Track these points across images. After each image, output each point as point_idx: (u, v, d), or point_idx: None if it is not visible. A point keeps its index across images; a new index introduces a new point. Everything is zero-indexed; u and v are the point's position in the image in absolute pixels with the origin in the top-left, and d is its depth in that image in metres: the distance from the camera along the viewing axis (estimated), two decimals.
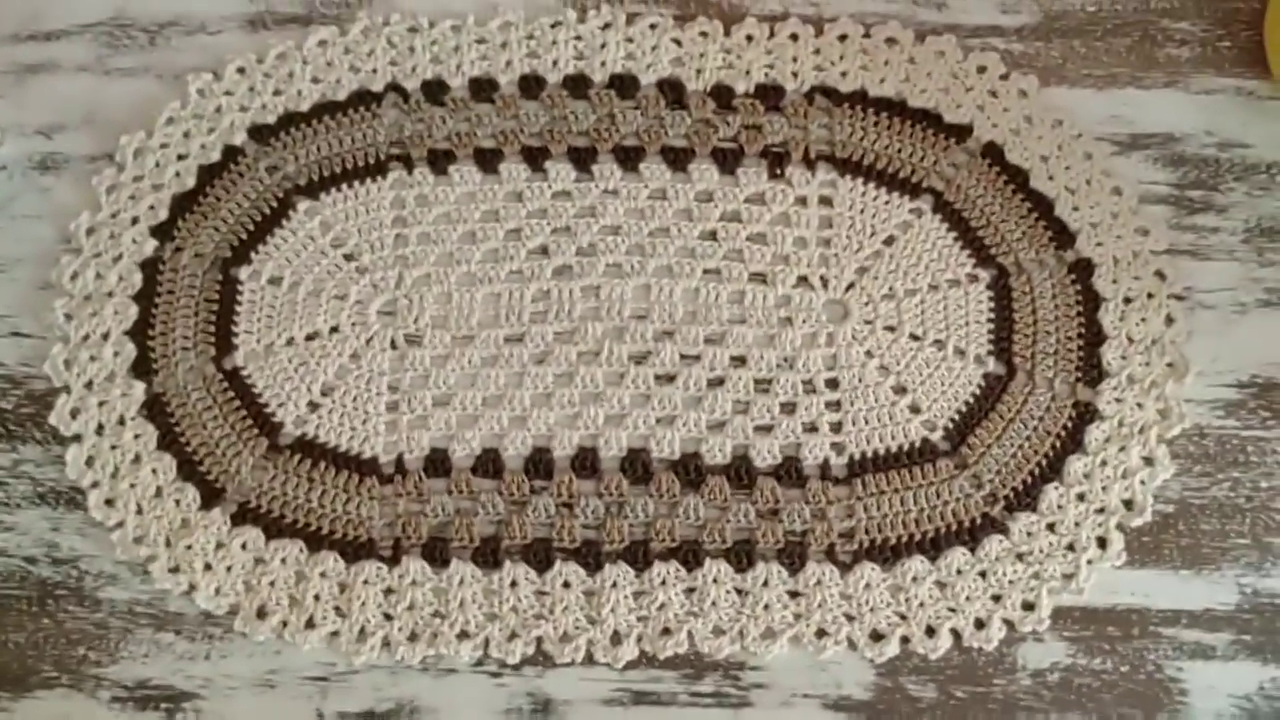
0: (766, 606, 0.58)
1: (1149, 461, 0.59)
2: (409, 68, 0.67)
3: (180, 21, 0.69)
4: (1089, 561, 0.58)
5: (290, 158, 0.66)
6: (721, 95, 0.66)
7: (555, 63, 0.67)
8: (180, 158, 0.66)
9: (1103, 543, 0.58)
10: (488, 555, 0.59)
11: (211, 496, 0.60)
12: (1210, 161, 0.64)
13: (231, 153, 0.66)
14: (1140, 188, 0.64)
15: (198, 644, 0.58)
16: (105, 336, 0.62)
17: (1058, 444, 0.60)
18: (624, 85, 0.66)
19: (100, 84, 0.68)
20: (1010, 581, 0.58)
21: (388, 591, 0.58)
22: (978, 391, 0.61)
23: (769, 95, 0.66)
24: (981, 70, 0.66)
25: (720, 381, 0.62)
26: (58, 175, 0.66)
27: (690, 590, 0.58)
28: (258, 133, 0.66)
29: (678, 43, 0.67)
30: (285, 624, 0.58)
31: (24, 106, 0.67)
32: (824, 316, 0.63)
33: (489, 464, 0.60)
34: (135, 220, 0.64)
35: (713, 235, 0.64)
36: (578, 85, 0.67)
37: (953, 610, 0.57)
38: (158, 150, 0.66)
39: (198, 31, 0.68)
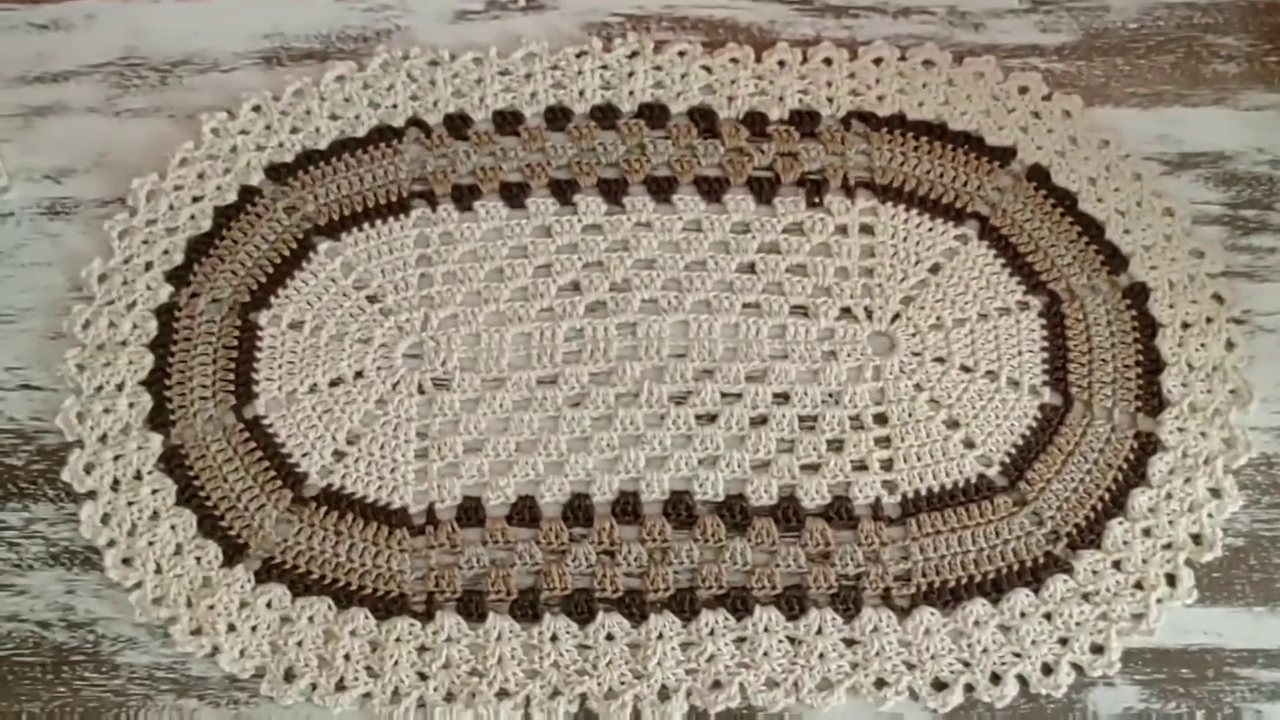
0: (821, 656, 0.57)
1: (1216, 493, 0.59)
2: (430, 102, 0.67)
3: (192, 59, 0.69)
4: (1159, 600, 0.57)
5: (309, 197, 0.66)
6: (755, 123, 0.66)
7: (582, 93, 0.67)
8: (195, 200, 0.66)
9: (1172, 580, 0.57)
10: (526, 608, 0.58)
11: (234, 553, 0.59)
12: (1263, 180, 0.65)
13: (248, 193, 0.66)
14: (1192, 208, 0.64)
15: (223, 709, 0.57)
16: (120, 387, 0.62)
17: (1120, 477, 0.59)
18: (654, 114, 0.67)
19: (110, 125, 0.68)
20: (1077, 623, 0.57)
21: (422, 649, 0.58)
22: (1034, 424, 0.60)
23: (804, 122, 0.66)
24: (1023, 91, 0.66)
25: (764, 420, 0.61)
26: (68, 220, 0.66)
27: (740, 640, 0.57)
28: (275, 172, 0.66)
29: (708, 70, 0.68)
30: (315, 686, 0.57)
31: (32, 150, 0.67)
32: (869, 349, 0.62)
33: (525, 512, 0.60)
34: (149, 265, 0.64)
35: (751, 268, 0.64)
36: (606, 115, 0.67)
37: (1018, 655, 0.56)
38: (171, 192, 0.66)
39: (210, 69, 0.69)
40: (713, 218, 0.65)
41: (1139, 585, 0.57)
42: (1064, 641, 0.57)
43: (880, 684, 0.56)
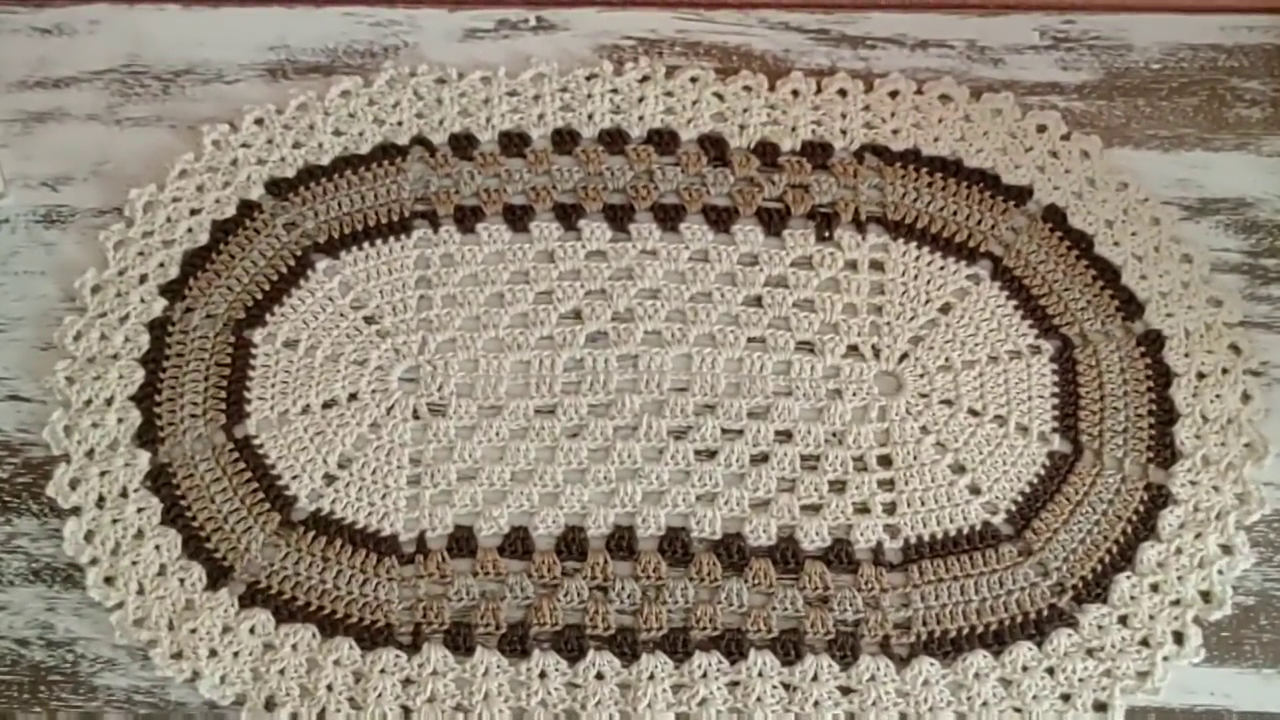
0: (816, 704, 0.56)
1: (1227, 550, 0.58)
2: (436, 120, 0.67)
3: (195, 69, 0.69)
4: (1165, 658, 0.56)
5: (309, 214, 0.66)
6: (766, 153, 0.66)
7: (590, 116, 0.67)
8: (193, 212, 0.66)
9: (1179, 638, 0.57)
10: (515, 643, 0.57)
11: (219, 576, 0.59)
12: None
13: (247, 208, 0.66)
14: (1211, 255, 0.64)
15: None
16: (109, 402, 0.62)
17: (1129, 530, 0.59)
18: (663, 141, 0.67)
19: (110, 134, 0.68)
20: (1080, 679, 0.56)
21: (406, 682, 0.57)
22: (1042, 472, 0.60)
23: (816, 153, 0.66)
24: (1041, 130, 0.66)
25: (764, 458, 0.61)
26: (63, 229, 0.66)
27: (733, 684, 0.57)
28: (275, 187, 0.66)
29: (720, 97, 0.67)
30: (295, 716, 0.56)
31: (30, 157, 0.67)
32: (876, 389, 0.62)
33: (517, 544, 0.59)
34: (144, 278, 0.64)
35: (757, 301, 0.64)
36: (614, 140, 0.67)
37: (1019, 710, 0.56)
38: (169, 204, 0.66)
39: (214, 80, 0.69)
40: (720, 248, 0.64)
41: (1145, 642, 0.57)
42: (1066, 698, 0.56)
43: None
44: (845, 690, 0.57)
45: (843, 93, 0.67)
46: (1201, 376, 0.61)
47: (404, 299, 0.64)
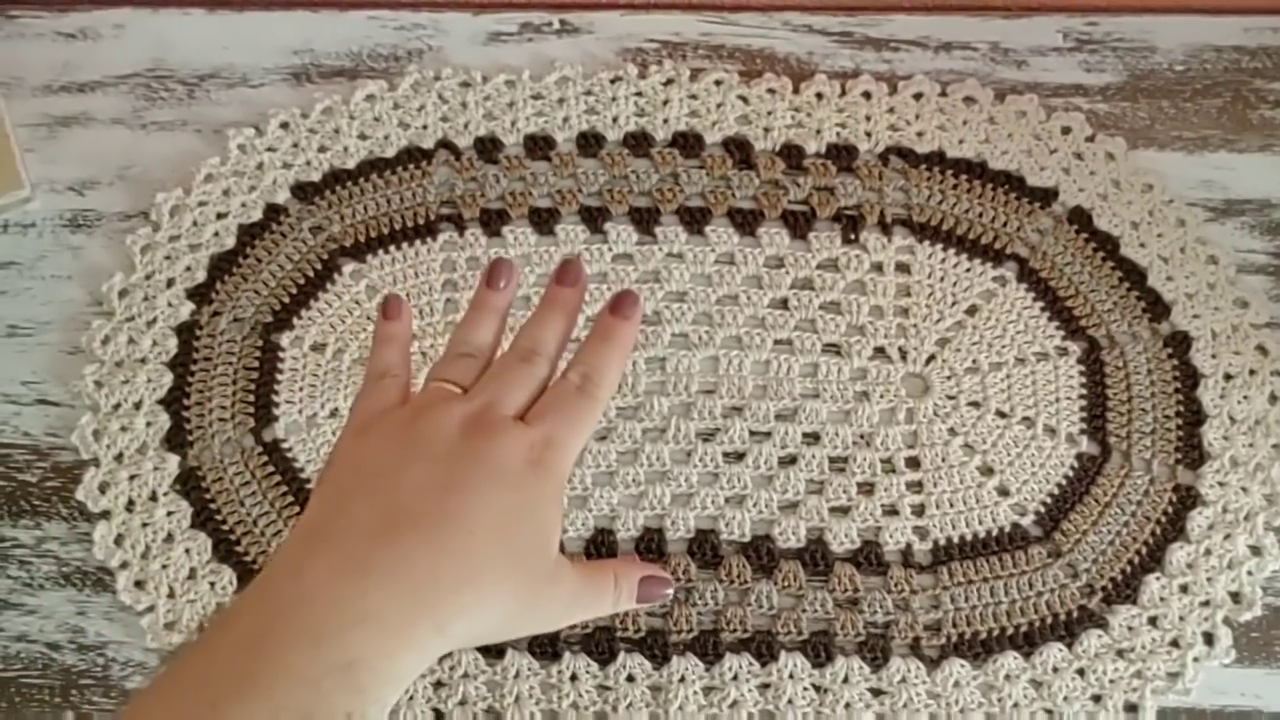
0: (847, 705, 0.56)
1: (1256, 550, 0.58)
2: (461, 124, 0.67)
3: (221, 73, 0.69)
4: (1195, 659, 0.56)
5: (335, 217, 0.66)
6: (791, 155, 0.66)
7: (615, 120, 0.67)
8: (219, 216, 0.66)
9: (1209, 639, 0.57)
10: (546, 646, 0.57)
11: (248, 579, 0.59)
12: None
13: (274, 212, 0.66)
14: (1237, 256, 0.64)
15: None
16: (137, 406, 0.62)
17: (1158, 531, 0.59)
18: (688, 144, 0.67)
19: (136, 138, 0.68)
20: (1111, 680, 0.56)
21: (438, 685, 0.57)
22: (1070, 473, 0.60)
23: (841, 156, 0.66)
24: (1066, 131, 0.66)
25: (793, 460, 0.61)
26: (90, 234, 0.66)
27: (764, 686, 0.57)
28: (301, 191, 0.66)
29: (744, 100, 0.67)
30: None
31: (55, 161, 0.67)
32: (903, 391, 0.62)
33: None
34: (171, 282, 0.64)
35: (784, 303, 0.64)
36: (639, 143, 0.67)
37: (1049, 711, 0.56)
38: (196, 208, 0.66)
39: (239, 84, 0.69)
40: (746, 251, 0.64)
41: (1175, 643, 0.57)
42: (1097, 699, 0.56)
43: None
44: (876, 692, 0.57)
45: (867, 95, 0.67)
46: (1229, 377, 0.61)
47: (430, 302, 0.64)
